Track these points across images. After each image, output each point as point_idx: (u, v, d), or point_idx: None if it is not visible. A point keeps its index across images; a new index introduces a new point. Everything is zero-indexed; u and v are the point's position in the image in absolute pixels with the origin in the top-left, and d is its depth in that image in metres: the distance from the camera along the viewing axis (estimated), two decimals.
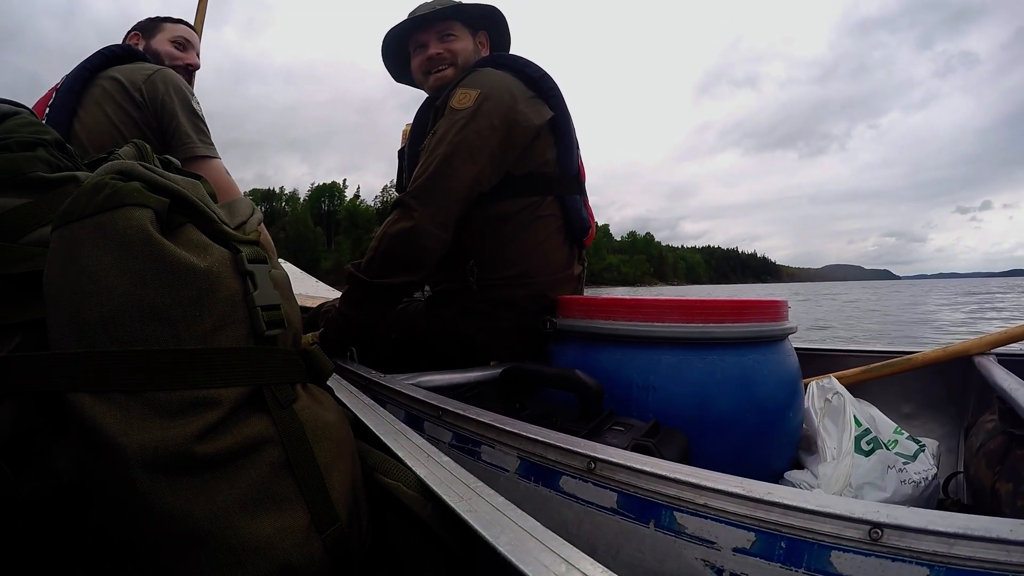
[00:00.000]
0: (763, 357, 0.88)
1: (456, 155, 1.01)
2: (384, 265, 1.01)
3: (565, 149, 1.15)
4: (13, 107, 0.60)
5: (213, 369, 0.41)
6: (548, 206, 1.14)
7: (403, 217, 1.00)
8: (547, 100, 1.14)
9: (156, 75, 1.16)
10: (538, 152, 1.11)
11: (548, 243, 1.14)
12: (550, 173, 1.13)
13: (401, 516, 0.51)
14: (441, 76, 1.21)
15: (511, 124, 1.05)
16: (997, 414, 0.85)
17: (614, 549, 0.52)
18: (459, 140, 1.01)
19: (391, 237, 1.00)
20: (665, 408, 0.83)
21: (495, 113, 1.03)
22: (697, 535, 0.47)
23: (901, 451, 0.87)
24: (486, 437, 0.67)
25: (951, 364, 1.14)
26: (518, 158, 1.09)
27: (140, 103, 1.13)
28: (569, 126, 1.17)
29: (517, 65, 1.16)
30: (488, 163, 1.04)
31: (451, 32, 1.21)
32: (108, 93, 1.13)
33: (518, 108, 1.07)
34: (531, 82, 1.15)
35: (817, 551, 0.42)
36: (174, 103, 1.15)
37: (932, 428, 1.17)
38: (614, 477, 0.53)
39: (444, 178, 1.00)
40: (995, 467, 0.74)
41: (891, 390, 1.21)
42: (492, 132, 1.03)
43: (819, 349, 1.32)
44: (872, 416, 0.95)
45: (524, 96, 1.10)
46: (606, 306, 0.94)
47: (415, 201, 1.00)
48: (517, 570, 0.35)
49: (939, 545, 0.38)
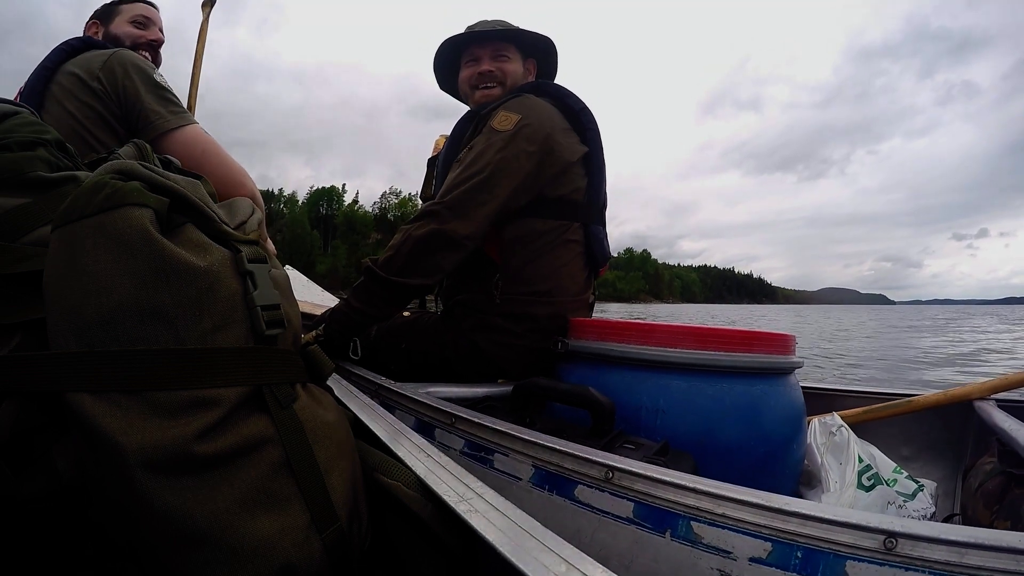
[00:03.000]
0: (770, 388, 0.89)
1: (493, 174, 1.04)
2: (406, 264, 1.03)
3: (595, 182, 1.19)
4: (13, 107, 0.60)
5: (213, 369, 0.41)
6: (574, 231, 1.17)
7: (434, 223, 1.02)
8: (584, 133, 1.18)
9: (112, 59, 1.12)
10: (570, 180, 1.15)
11: (571, 267, 1.17)
12: (579, 200, 1.17)
13: (401, 516, 0.51)
14: (488, 93, 1.24)
15: (546, 152, 1.08)
16: (996, 456, 0.85)
17: (628, 559, 0.53)
18: (496, 160, 1.04)
19: (417, 240, 1.02)
20: (673, 432, 0.84)
21: (533, 140, 1.06)
22: (713, 545, 0.48)
23: (900, 489, 0.88)
24: (500, 445, 0.67)
25: (951, 408, 1.15)
26: (550, 183, 1.12)
27: (100, 92, 1.09)
28: (601, 161, 1.20)
29: (559, 95, 1.20)
30: (521, 185, 1.07)
31: (505, 53, 1.24)
32: (67, 89, 1.09)
33: (555, 138, 1.10)
34: (571, 113, 1.18)
35: (833, 560, 0.42)
36: (135, 83, 1.11)
37: (930, 471, 1.18)
38: (632, 487, 0.54)
39: (479, 192, 1.03)
40: (993, 506, 0.74)
41: (891, 431, 1.22)
42: (528, 158, 1.06)
43: (820, 388, 1.33)
44: (872, 455, 0.96)
45: (562, 128, 1.14)
46: (618, 329, 0.96)
47: (448, 212, 1.02)
48: (517, 570, 0.35)
49: (951, 555, 0.39)
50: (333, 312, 1.10)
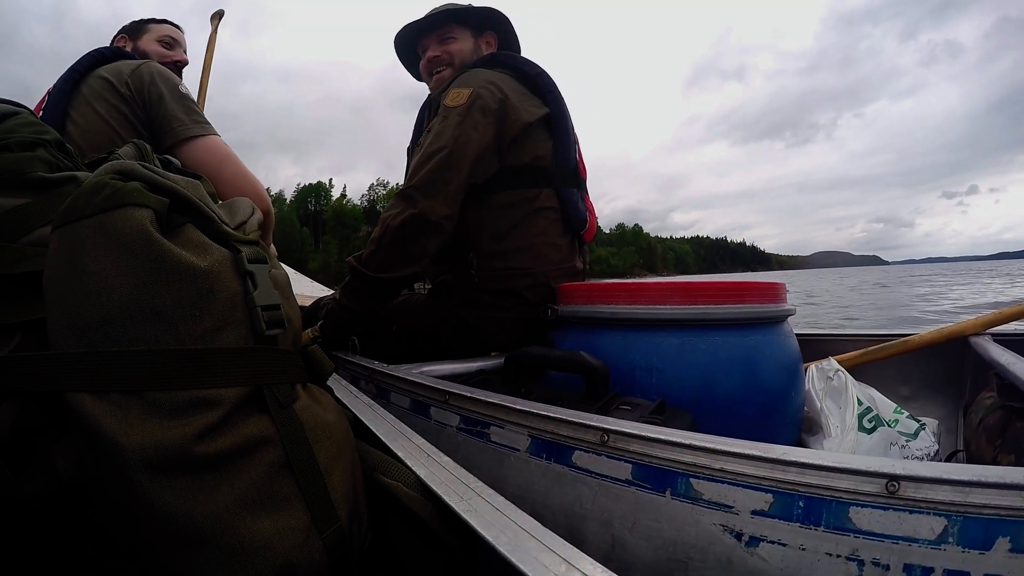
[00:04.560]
0: (764, 338, 0.88)
1: (454, 150, 1.04)
2: (389, 257, 1.03)
3: (561, 144, 1.18)
4: (13, 107, 0.60)
5: (213, 369, 0.41)
6: (545, 198, 1.16)
7: (409, 207, 1.02)
8: (543, 96, 1.17)
9: (141, 67, 1.19)
10: (533, 146, 1.14)
11: (547, 235, 1.16)
12: (546, 166, 1.16)
13: (401, 516, 0.51)
14: (441, 76, 1.25)
15: (501, 117, 1.09)
16: (995, 390, 0.85)
17: (630, 521, 0.52)
18: (456, 134, 1.04)
19: (395, 229, 1.02)
20: (669, 390, 0.83)
21: (487, 109, 1.07)
22: (715, 500, 0.47)
23: (902, 430, 0.88)
24: (495, 418, 0.66)
25: (947, 345, 1.15)
26: (513, 150, 1.12)
27: (128, 97, 1.15)
28: (565, 122, 1.19)
29: (514, 63, 1.20)
30: (484, 155, 1.07)
31: (450, 35, 1.25)
32: (97, 92, 1.15)
33: (509, 102, 1.10)
34: (527, 79, 1.18)
35: (835, 508, 0.42)
36: (161, 90, 1.18)
37: (931, 409, 1.18)
38: (628, 448, 0.53)
39: (445, 170, 1.03)
40: (995, 441, 0.74)
41: (889, 373, 1.22)
42: (486, 127, 1.06)
43: (815, 334, 1.33)
44: (872, 397, 0.95)
45: (516, 92, 1.13)
46: (606, 291, 0.95)
47: (419, 193, 1.02)
48: (517, 570, 0.35)
49: (955, 495, 0.38)
50: (328, 312, 1.11)
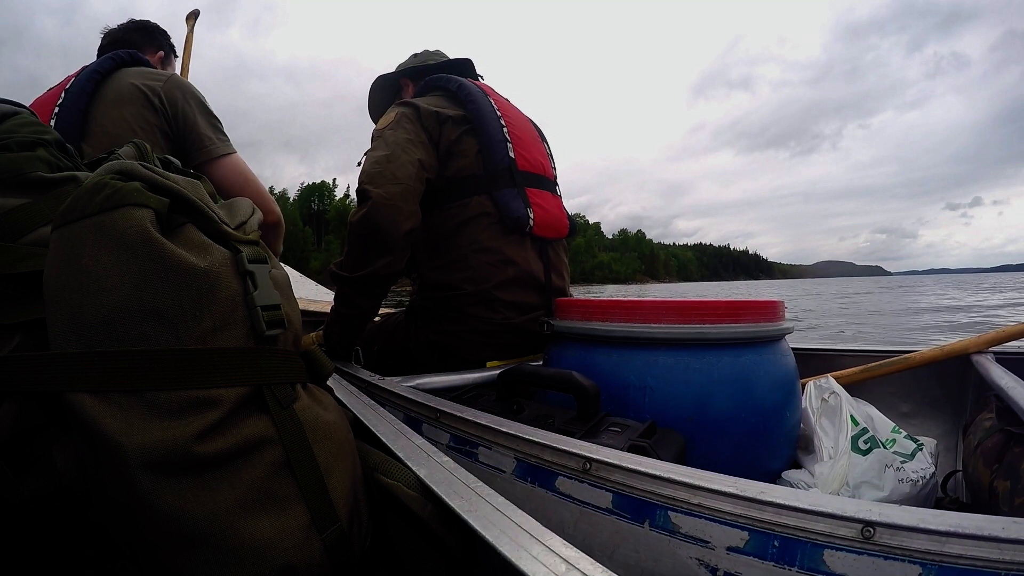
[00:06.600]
0: (760, 357, 0.88)
1: (395, 148, 1.10)
2: (359, 254, 1.06)
3: (486, 145, 1.18)
4: (13, 107, 0.60)
5: (213, 369, 0.41)
6: (477, 205, 1.16)
7: (362, 202, 1.06)
8: (465, 106, 1.22)
9: (172, 81, 1.23)
10: (460, 156, 1.17)
11: (478, 242, 1.15)
12: (476, 174, 1.17)
13: (401, 516, 0.51)
14: None
15: (425, 115, 1.16)
16: (995, 412, 0.85)
17: (610, 549, 0.53)
18: (393, 138, 1.11)
19: (356, 224, 1.05)
20: (662, 409, 0.83)
21: (412, 116, 1.16)
22: (691, 534, 0.48)
23: (899, 450, 0.87)
24: (483, 439, 0.67)
25: (949, 363, 1.14)
26: (445, 164, 1.17)
27: (159, 108, 1.18)
28: (488, 122, 1.19)
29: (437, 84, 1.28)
30: (423, 149, 1.14)
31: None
32: (125, 97, 1.17)
33: (424, 110, 1.17)
34: (450, 94, 1.25)
35: (810, 550, 0.42)
36: (193, 110, 1.22)
37: (930, 427, 1.17)
38: (609, 477, 0.53)
39: (390, 161, 1.08)
40: (993, 465, 0.74)
41: (889, 389, 1.21)
42: (417, 128, 1.15)
43: (816, 349, 1.32)
44: (870, 415, 0.95)
45: (434, 102, 1.21)
46: (602, 308, 0.95)
47: (369, 185, 1.05)
48: (517, 570, 0.35)
49: (931, 543, 0.38)
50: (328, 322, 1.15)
